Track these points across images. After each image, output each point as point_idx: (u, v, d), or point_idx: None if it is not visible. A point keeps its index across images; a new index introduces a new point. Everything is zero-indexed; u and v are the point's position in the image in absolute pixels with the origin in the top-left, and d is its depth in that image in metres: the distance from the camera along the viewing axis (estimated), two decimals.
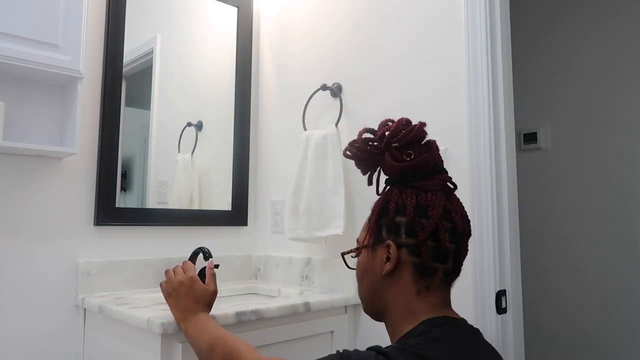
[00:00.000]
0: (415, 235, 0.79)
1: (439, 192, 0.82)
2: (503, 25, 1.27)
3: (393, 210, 0.81)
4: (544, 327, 2.25)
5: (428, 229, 0.78)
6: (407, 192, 0.82)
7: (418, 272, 0.80)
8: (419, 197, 0.81)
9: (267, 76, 1.87)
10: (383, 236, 0.82)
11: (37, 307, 1.32)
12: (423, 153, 0.84)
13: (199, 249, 1.45)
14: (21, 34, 1.20)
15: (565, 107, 2.25)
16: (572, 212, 2.20)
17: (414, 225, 0.79)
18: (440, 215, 0.79)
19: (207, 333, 0.93)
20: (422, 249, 0.79)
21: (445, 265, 0.80)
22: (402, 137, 0.84)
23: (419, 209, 0.80)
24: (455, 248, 0.81)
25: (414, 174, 0.83)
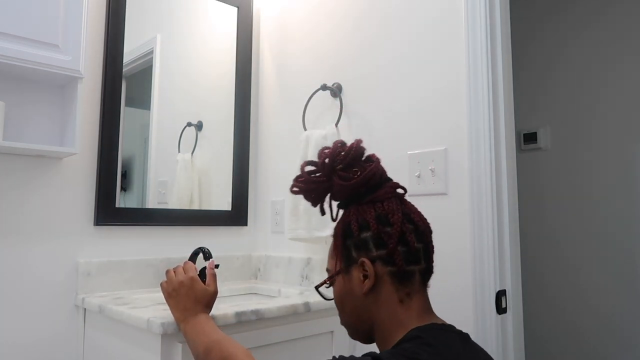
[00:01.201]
0: (385, 245, 0.79)
1: (392, 198, 0.83)
2: (503, 25, 1.27)
3: (356, 228, 0.82)
4: (544, 327, 2.25)
5: (395, 235, 0.79)
6: (364, 208, 0.83)
7: (397, 280, 0.80)
8: (376, 208, 0.82)
9: (267, 76, 1.87)
10: (354, 256, 0.82)
11: (37, 307, 1.32)
12: (367, 167, 0.85)
13: (199, 249, 1.45)
14: (21, 34, 1.20)
15: (565, 107, 2.25)
16: (572, 212, 2.20)
17: (381, 236, 0.80)
18: (401, 219, 0.80)
19: (204, 336, 0.92)
20: (395, 256, 0.79)
21: (420, 266, 0.81)
22: (343, 158, 0.85)
23: (381, 219, 0.81)
24: (423, 247, 0.82)
25: (366, 189, 0.84)
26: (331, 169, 0.86)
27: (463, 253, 1.22)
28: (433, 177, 1.29)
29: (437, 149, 1.29)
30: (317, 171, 0.89)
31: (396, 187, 0.86)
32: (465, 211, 1.22)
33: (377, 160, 0.88)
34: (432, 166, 1.30)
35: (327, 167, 0.87)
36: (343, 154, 0.86)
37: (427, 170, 1.30)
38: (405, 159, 1.36)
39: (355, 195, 0.85)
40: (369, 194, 0.84)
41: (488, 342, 1.15)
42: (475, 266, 1.18)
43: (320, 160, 0.88)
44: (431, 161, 1.30)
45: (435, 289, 1.26)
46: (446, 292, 1.24)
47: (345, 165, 0.86)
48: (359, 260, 0.81)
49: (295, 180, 0.91)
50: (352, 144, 0.87)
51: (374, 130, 1.45)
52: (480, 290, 1.17)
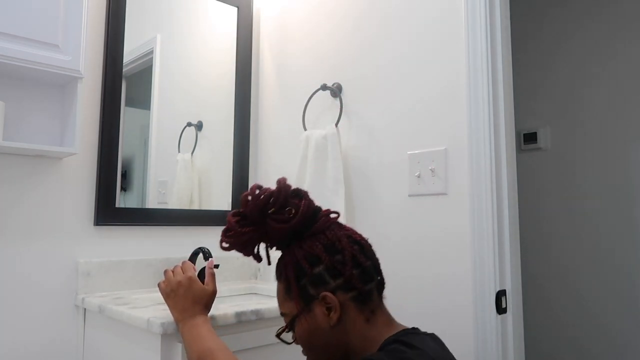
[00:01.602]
0: (341, 273, 0.80)
1: (332, 226, 0.84)
2: (503, 25, 1.27)
3: (307, 265, 0.81)
4: (544, 327, 2.25)
5: (349, 261, 0.80)
6: (308, 243, 0.82)
7: (360, 303, 0.81)
8: (321, 240, 0.82)
9: (267, 76, 1.87)
10: (312, 293, 0.81)
11: (37, 307, 1.32)
12: (300, 204, 0.84)
13: (199, 249, 1.46)
14: (21, 34, 1.20)
15: (565, 107, 2.25)
16: (572, 212, 2.19)
17: (334, 266, 0.80)
18: (347, 243, 0.81)
19: (199, 342, 0.91)
20: (353, 281, 0.80)
21: (374, 282, 0.83)
22: (275, 200, 0.84)
23: (329, 249, 0.81)
24: (372, 263, 0.83)
25: (303, 225, 0.84)
26: (262, 215, 0.85)
27: (463, 253, 1.22)
28: (433, 177, 1.29)
29: (437, 149, 1.29)
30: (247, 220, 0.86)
31: (329, 213, 0.87)
32: (465, 211, 1.22)
33: (305, 194, 0.87)
34: (432, 166, 1.30)
35: (258, 214, 0.85)
36: (273, 197, 0.85)
37: (427, 170, 1.30)
38: (405, 159, 1.36)
39: (294, 234, 0.84)
40: (308, 229, 0.84)
41: (488, 342, 1.15)
42: (475, 266, 1.18)
43: (248, 209, 0.85)
44: (431, 161, 1.30)
45: (436, 289, 1.27)
46: (446, 292, 1.24)
47: (278, 208, 0.84)
48: (319, 296, 0.80)
49: (224, 236, 0.88)
50: (278, 185, 0.86)
51: (374, 130, 1.45)
52: (480, 290, 1.17)
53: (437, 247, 1.27)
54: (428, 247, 1.29)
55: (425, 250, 1.29)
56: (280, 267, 0.86)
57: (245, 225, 0.86)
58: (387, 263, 1.37)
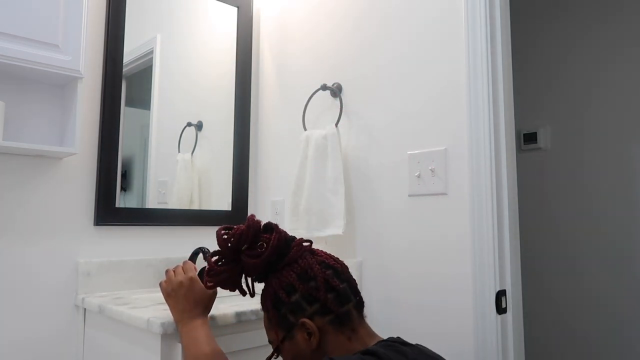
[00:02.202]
0: (316, 299, 0.84)
1: (304, 254, 0.89)
2: (503, 25, 1.27)
3: (284, 295, 0.86)
4: (544, 327, 2.25)
5: (322, 286, 0.84)
6: (283, 274, 0.87)
7: (338, 324, 0.84)
8: (294, 269, 0.87)
9: (267, 76, 1.87)
10: (292, 321, 0.85)
11: (37, 307, 1.32)
12: (272, 237, 0.89)
13: (199, 249, 1.46)
14: (21, 34, 1.20)
15: (565, 107, 2.25)
16: (572, 212, 2.20)
17: (309, 292, 0.85)
18: (319, 269, 0.86)
19: (196, 346, 0.93)
20: (328, 305, 0.84)
21: (351, 303, 0.87)
22: (245, 238, 0.90)
23: (302, 277, 0.86)
24: (348, 284, 0.87)
25: (277, 257, 0.89)
26: (236, 252, 0.90)
27: (463, 253, 1.22)
28: (433, 177, 1.29)
29: (437, 149, 1.29)
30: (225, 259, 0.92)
31: (302, 242, 0.91)
32: (465, 211, 1.22)
33: (275, 227, 0.92)
34: (432, 166, 1.30)
35: (233, 252, 0.90)
36: (243, 235, 0.89)
37: (427, 170, 1.30)
38: (405, 159, 1.36)
39: (269, 266, 0.89)
40: (282, 260, 0.89)
41: (488, 342, 1.15)
42: (475, 266, 1.18)
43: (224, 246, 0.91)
44: (431, 161, 1.30)
45: (436, 288, 1.27)
46: (446, 292, 1.24)
47: (250, 244, 0.90)
48: (298, 323, 0.84)
49: (207, 276, 0.93)
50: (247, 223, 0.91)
51: (374, 130, 1.45)
52: (480, 290, 1.17)
53: (437, 247, 1.27)
54: (428, 247, 1.29)
55: (425, 250, 1.29)
56: (262, 298, 0.91)
57: (224, 264, 0.92)
58: (387, 263, 1.37)
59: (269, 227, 0.92)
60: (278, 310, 0.87)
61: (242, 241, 0.90)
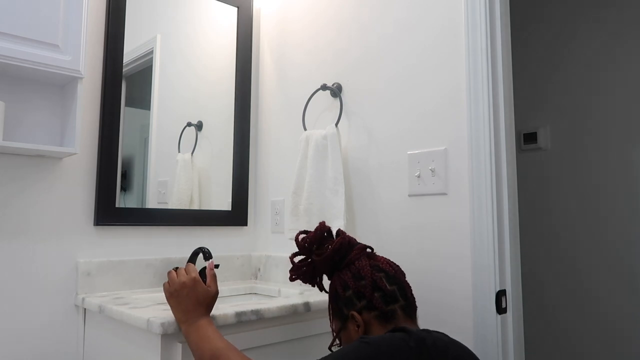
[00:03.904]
0: (364, 296, 0.96)
1: (361, 257, 1.02)
2: (503, 26, 1.27)
3: (341, 290, 1.00)
4: (544, 327, 2.25)
5: (369, 285, 0.96)
6: (342, 272, 1.02)
7: (382, 320, 0.94)
8: (351, 269, 1.00)
9: (267, 76, 1.87)
10: (345, 313, 0.98)
11: (37, 307, 1.32)
12: (336, 241, 1.05)
13: (199, 249, 1.46)
14: (21, 34, 1.20)
15: (565, 107, 2.25)
16: (572, 212, 2.20)
17: (359, 290, 0.97)
18: (370, 271, 0.98)
19: (209, 341, 0.95)
20: (374, 302, 0.95)
21: (398, 303, 0.96)
22: (313, 239, 1.08)
23: (355, 276, 0.99)
24: (398, 287, 0.97)
25: (339, 257, 1.04)
26: (309, 251, 1.09)
27: (463, 253, 1.22)
28: (433, 177, 1.29)
29: (437, 149, 1.29)
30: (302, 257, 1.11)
31: (363, 247, 1.05)
32: (465, 211, 1.22)
33: (342, 233, 1.08)
34: (432, 166, 1.30)
35: (307, 251, 1.09)
36: (313, 237, 1.08)
37: (427, 170, 1.30)
38: (405, 159, 1.36)
39: (332, 264, 1.05)
40: (343, 261, 1.03)
41: (488, 342, 1.15)
42: (475, 266, 1.18)
43: (301, 246, 1.10)
44: (431, 161, 1.30)
45: (436, 288, 1.27)
46: (446, 292, 1.24)
47: (318, 245, 1.08)
48: (349, 315, 0.97)
49: (290, 271, 1.12)
50: (317, 228, 1.09)
51: (374, 130, 1.45)
52: (480, 290, 1.17)
53: (437, 247, 1.27)
54: (428, 247, 1.29)
55: (425, 250, 1.29)
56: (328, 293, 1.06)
57: (300, 261, 1.11)
58: None
59: (338, 233, 1.09)
60: (336, 303, 1.01)
61: (312, 242, 1.08)
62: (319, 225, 1.10)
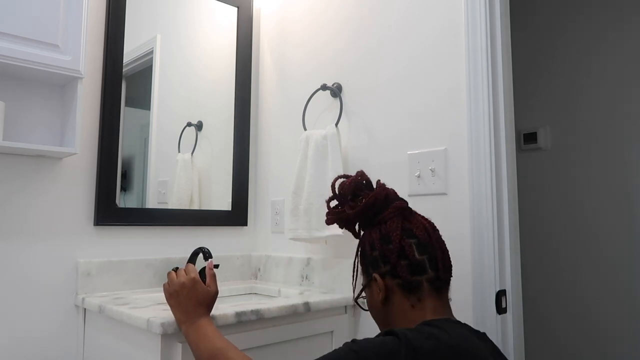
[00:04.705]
0: (389, 261, 0.89)
1: (395, 217, 0.93)
2: (503, 26, 1.27)
3: (368, 248, 0.94)
4: (544, 327, 2.25)
5: (395, 251, 0.88)
6: (373, 229, 0.94)
7: (406, 290, 0.88)
8: (381, 229, 0.92)
9: (267, 76, 1.87)
10: (370, 273, 0.93)
11: (37, 307, 1.32)
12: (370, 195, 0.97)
13: (199, 249, 1.46)
14: (21, 34, 1.20)
15: (565, 107, 2.25)
16: (572, 211, 2.20)
17: (384, 253, 0.90)
18: (399, 236, 0.89)
19: (208, 341, 0.94)
20: (397, 270, 0.88)
21: (426, 275, 0.88)
22: (347, 189, 1.00)
23: (383, 238, 0.91)
24: (428, 257, 0.89)
25: (372, 212, 0.96)
26: (344, 199, 1.01)
27: (463, 253, 1.21)
28: (433, 177, 1.29)
29: (437, 149, 1.29)
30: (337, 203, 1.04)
31: (399, 206, 0.95)
32: (465, 211, 1.22)
33: (380, 186, 0.99)
34: (432, 166, 1.30)
35: (341, 197, 1.02)
36: (346, 186, 1.00)
37: (427, 170, 1.30)
38: (405, 159, 1.36)
39: (365, 218, 0.97)
40: (376, 217, 0.95)
41: None
42: (475, 266, 1.18)
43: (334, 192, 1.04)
44: (431, 161, 1.30)
45: None
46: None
47: (353, 196, 0.99)
48: (373, 276, 0.92)
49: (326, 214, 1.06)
50: (353, 176, 1.01)
51: (374, 130, 1.45)
52: (480, 290, 1.17)
53: None
54: None
55: None
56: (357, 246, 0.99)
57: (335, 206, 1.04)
58: None
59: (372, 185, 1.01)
60: (363, 259, 0.95)
61: (345, 191, 1.00)
62: (358, 172, 1.02)
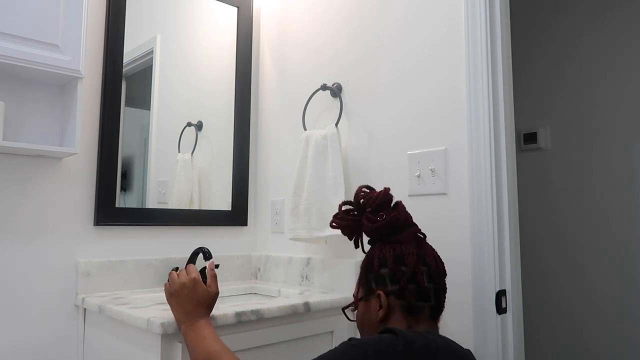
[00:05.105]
0: (398, 282, 0.92)
1: (411, 242, 0.96)
2: (503, 26, 1.27)
3: (377, 264, 0.95)
4: (544, 327, 2.25)
5: (407, 274, 0.92)
6: (386, 247, 0.96)
7: (406, 312, 0.92)
8: (395, 249, 0.95)
9: (267, 76, 1.87)
10: (373, 288, 0.95)
11: (37, 307, 1.32)
12: (392, 213, 1.00)
13: (199, 249, 1.46)
14: (21, 34, 1.19)
15: (565, 107, 2.25)
16: (572, 212, 2.20)
17: (395, 274, 0.92)
18: (415, 261, 0.93)
19: (205, 343, 0.95)
20: (405, 292, 0.91)
21: (429, 303, 0.93)
22: (372, 202, 1.02)
23: (397, 259, 0.94)
24: (434, 287, 0.93)
25: (389, 231, 0.99)
26: (362, 210, 1.04)
27: (463, 253, 1.22)
28: (433, 177, 1.29)
29: (437, 149, 1.29)
30: (352, 210, 1.06)
31: (416, 232, 0.99)
32: (465, 211, 1.22)
33: (401, 208, 1.02)
34: (432, 166, 1.30)
35: (360, 208, 1.04)
36: (372, 199, 1.02)
37: (427, 170, 1.30)
38: (405, 159, 1.36)
39: (380, 235, 1.00)
40: (392, 236, 0.98)
41: (488, 342, 1.15)
42: (475, 266, 1.18)
43: (356, 201, 1.06)
44: (431, 161, 1.30)
45: None
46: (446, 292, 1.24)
47: (374, 209, 1.02)
48: (376, 292, 0.94)
49: (333, 217, 1.09)
50: (380, 191, 1.04)
51: (374, 130, 1.45)
52: (480, 290, 1.17)
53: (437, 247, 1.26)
54: None
55: None
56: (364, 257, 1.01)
57: (349, 214, 1.07)
58: None
59: (397, 205, 1.03)
60: (367, 273, 0.97)
61: (368, 203, 1.03)
62: (384, 190, 1.04)
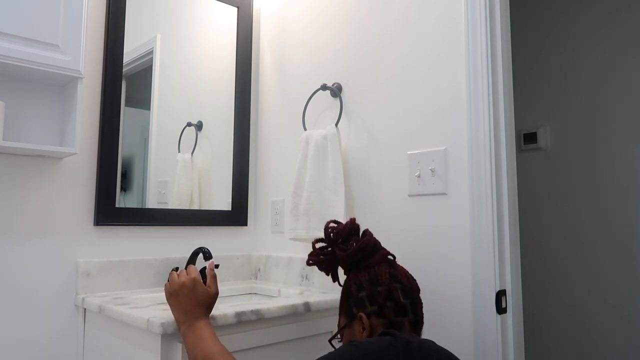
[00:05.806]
0: (376, 301, 0.96)
1: (383, 263, 1.02)
2: (503, 26, 1.27)
3: (355, 289, 1.00)
4: (544, 327, 2.25)
5: (384, 293, 0.97)
6: (360, 273, 1.02)
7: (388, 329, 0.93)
8: (369, 272, 1.01)
9: (267, 76, 1.87)
10: (354, 312, 0.99)
11: (37, 307, 1.32)
12: (362, 240, 1.06)
13: (199, 249, 1.46)
14: (21, 34, 1.20)
15: (565, 107, 2.25)
16: (572, 211, 2.20)
17: (373, 294, 0.97)
18: (389, 280, 0.98)
19: (204, 345, 0.95)
20: (384, 310, 0.96)
21: (407, 318, 0.97)
22: (341, 233, 1.08)
23: (373, 280, 0.99)
24: (410, 302, 0.98)
25: (361, 257, 1.04)
26: (334, 242, 1.09)
27: (463, 253, 1.22)
28: (433, 177, 1.29)
29: (437, 149, 1.29)
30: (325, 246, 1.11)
31: (386, 254, 1.05)
32: (465, 211, 1.22)
33: (369, 234, 1.08)
34: (432, 166, 1.30)
35: (331, 241, 1.09)
36: (341, 229, 1.08)
37: (427, 170, 1.30)
38: (405, 159, 1.36)
39: (353, 262, 1.05)
40: (365, 260, 1.04)
41: (488, 342, 1.15)
42: (475, 266, 1.18)
43: (326, 235, 1.10)
44: (431, 161, 1.30)
45: (435, 288, 1.27)
46: (446, 292, 1.24)
47: (344, 239, 1.08)
48: (357, 315, 0.98)
49: (309, 255, 1.12)
50: (347, 222, 1.09)
51: (374, 130, 1.45)
52: (480, 290, 1.17)
53: (437, 247, 1.27)
54: (428, 247, 1.29)
55: (425, 250, 1.29)
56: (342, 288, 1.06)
57: (323, 249, 1.11)
58: None
59: (365, 232, 1.10)
60: (347, 300, 1.01)
61: (338, 235, 1.08)
62: (350, 220, 1.10)
